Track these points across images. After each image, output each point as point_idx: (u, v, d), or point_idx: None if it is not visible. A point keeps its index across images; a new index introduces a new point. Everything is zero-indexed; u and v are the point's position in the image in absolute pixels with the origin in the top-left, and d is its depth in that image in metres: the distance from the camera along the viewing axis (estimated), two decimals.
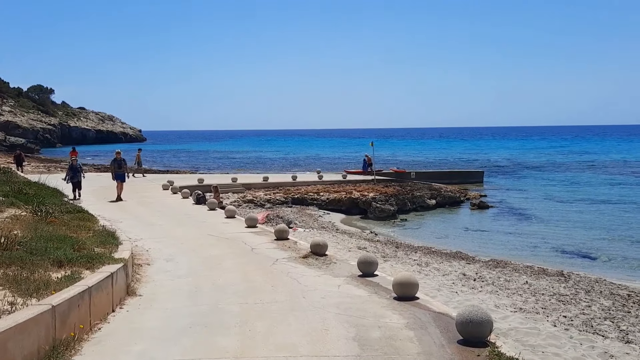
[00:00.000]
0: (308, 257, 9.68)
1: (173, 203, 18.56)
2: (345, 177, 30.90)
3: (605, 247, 17.28)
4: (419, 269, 12.11)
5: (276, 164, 60.67)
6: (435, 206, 26.62)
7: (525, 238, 18.73)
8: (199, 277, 8.27)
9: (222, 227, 13.28)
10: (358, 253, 13.73)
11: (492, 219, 23.16)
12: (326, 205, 24.81)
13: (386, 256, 13.60)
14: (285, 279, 8.06)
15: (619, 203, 27.43)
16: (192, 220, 14.56)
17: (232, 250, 10.36)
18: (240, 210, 22.05)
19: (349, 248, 14.49)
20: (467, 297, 9.45)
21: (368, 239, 16.75)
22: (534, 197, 30.20)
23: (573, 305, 9.51)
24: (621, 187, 34.43)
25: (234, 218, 14.93)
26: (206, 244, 11.08)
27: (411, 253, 14.49)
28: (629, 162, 56.96)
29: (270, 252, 10.25)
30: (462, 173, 39.25)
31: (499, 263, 13.65)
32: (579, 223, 21.86)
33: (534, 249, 16.96)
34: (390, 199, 24.81)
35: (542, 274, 12.33)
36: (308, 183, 28.48)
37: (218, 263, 9.24)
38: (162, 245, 10.85)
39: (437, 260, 13.60)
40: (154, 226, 13.43)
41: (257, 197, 24.73)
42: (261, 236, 12.05)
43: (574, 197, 30.15)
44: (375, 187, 27.71)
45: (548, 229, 20.44)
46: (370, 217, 23.74)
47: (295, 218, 20.34)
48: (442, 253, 14.95)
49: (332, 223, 21.03)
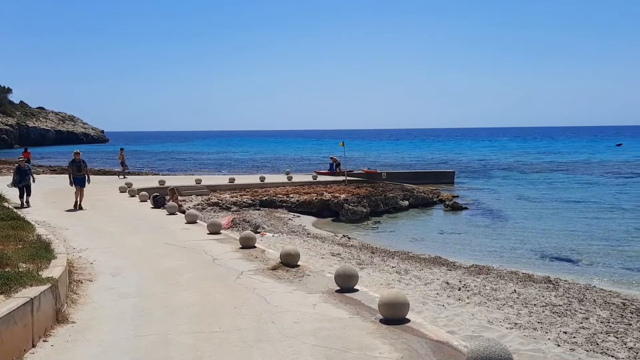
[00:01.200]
0: (278, 269, 8.52)
1: (129, 207, 17.07)
2: (315, 178, 29.80)
3: (584, 250, 16.69)
4: (398, 278, 11.08)
5: (244, 165, 59.12)
6: (408, 207, 25.83)
7: (503, 241, 18.01)
8: (149, 296, 7.01)
9: (181, 234, 11.97)
10: (332, 260, 12.66)
11: (467, 221, 22.44)
12: (296, 208, 23.65)
13: (362, 263, 12.54)
14: (251, 298, 6.88)
15: (591, 203, 27.20)
16: (148, 226, 13.18)
17: (190, 262, 9.10)
18: (204, 214, 20.70)
19: (322, 254, 13.38)
20: (456, 312, 8.45)
21: (342, 244, 15.68)
22: (507, 198, 29.77)
23: (569, 318, 8.63)
24: (591, 187, 34.42)
25: (196, 223, 13.62)
26: (161, 254, 9.78)
27: (388, 259, 13.48)
28: (594, 162, 57.78)
29: (235, 263, 9.04)
30: (433, 173, 38.70)
31: (482, 269, 12.77)
32: (554, 224, 21.34)
33: (513, 253, 16.21)
34: (362, 201, 23.84)
35: (529, 281, 11.50)
36: (277, 184, 27.25)
37: (173, 278, 7.98)
38: (109, 257, 9.50)
39: (417, 266, 12.62)
40: (104, 234, 12.01)
41: (223, 199, 23.37)
42: (225, 244, 10.81)
43: (545, 197, 29.85)
44: (346, 188, 26.71)
45: (525, 231, 19.81)
46: (342, 220, 22.71)
47: (263, 222, 19.12)
48: (421, 258, 14.00)
49: (302, 226, 19.89)
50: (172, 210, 15.29)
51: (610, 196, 29.79)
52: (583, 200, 28.01)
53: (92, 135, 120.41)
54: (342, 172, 32.60)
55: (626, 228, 20.35)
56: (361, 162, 55.10)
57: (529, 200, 28.51)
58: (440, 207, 26.53)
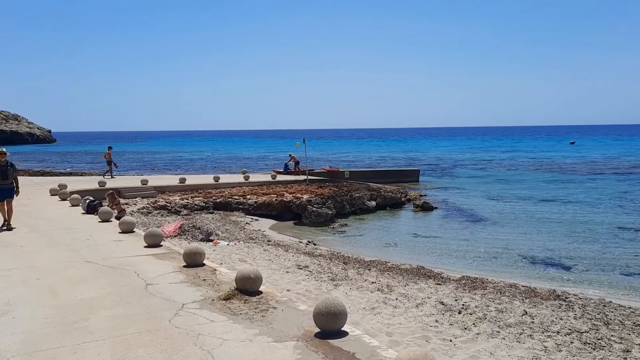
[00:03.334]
0: (232, 298, 6.30)
1: (56, 213, 14.35)
2: (274, 178, 27.53)
3: (572, 253, 15.23)
4: (382, 297, 9.04)
5: (196, 165, 56.05)
6: (375, 208, 23.95)
7: (485, 245, 16.31)
8: (36, 356, 4.65)
9: (110, 248, 9.52)
10: (299, 275, 10.50)
11: (440, 223, 20.73)
12: (254, 210, 21.34)
13: (336, 278, 10.44)
14: (192, 354, 4.64)
15: (563, 201, 26.13)
16: (71, 237, 10.63)
17: (114, 290, 6.75)
18: (149, 219, 18.15)
19: (286, 268, 11.20)
20: (470, 351, 6.46)
21: (308, 253, 13.52)
22: (475, 196, 28.39)
23: (607, 351, 6.82)
24: (557, 185, 33.61)
25: (132, 233, 11.16)
26: (77, 278, 7.36)
27: (365, 271, 11.43)
28: (554, 160, 57.91)
29: (174, 290, 6.74)
30: (397, 172, 37.13)
31: (475, 282, 10.92)
32: (533, 225, 19.93)
33: (501, 260, 14.49)
34: (327, 202, 21.76)
35: (535, 297, 9.70)
36: (232, 185, 24.83)
37: (82, 319, 5.62)
38: (4, 284, 7.02)
39: (400, 281, 10.63)
40: (10, 249, 9.41)
41: (172, 202, 20.79)
42: (165, 261, 8.46)
43: (515, 196, 28.65)
44: (308, 188, 24.59)
45: (504, 234, 18.24)
46: (305, 223, 20.56)
47: (217, 227, 16.74)
48: (402, 270, 12.02)
49: (261, 232, 17.63)
50: (105, 217, 12.72)
51: (580, 194, 28.91)
52: (554, 199, 26.93)
53: (38, 135, 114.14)
54: (302, 171, 30.46)
55: (608, 227, 19.14)
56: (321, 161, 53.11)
57: (499, 200, 27.19)
58: (409, 208, 24.81)
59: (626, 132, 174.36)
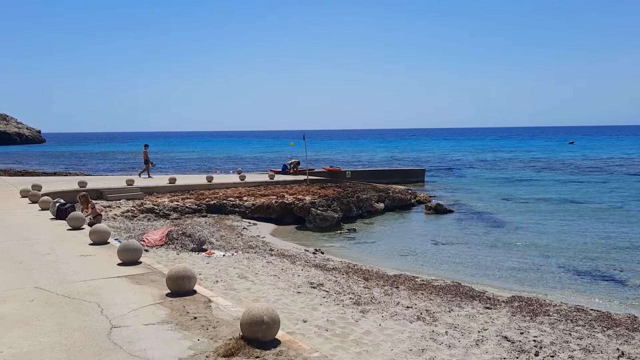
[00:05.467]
0: (237, 354, 4.17)
1: (20, 218, 12.11)
2: (272, 178, 25.39)
3: (617, 261, 13.30)
4: (429, 332, 6.94)
5: (189, 164, 53.75)
6: (383, 210, 21.89)
7: (516, 254, 14.28)
8: None
9: (73, 267, 7.34)
10: (314, 297, 8.39)
11: (458, 227, 18.69)
12: (252, 214, 19.19)
13: (360, 301, 8.32)
14: None
15: (583, 202, 24.19)
16: (28, 251, 8.43)
17: (61, 338, 4.59)
18: (134, 224, 15.98)
19: (297, 286, 9.08)
20: None
21: (319, 266, 11.37)
22: (489, 198, 26.39)
23: None
24: (569, 185, 31.72)
25: (106, 245, 8.98)
26: (13, 316, 5.19)
27: (392, 290, 9.34)
28: (556, 159, 56.15)
29: (151, 338, 4.60)
30: (402, 172, 35.05)
31: (531, 304, 8.86)
32: (560, 228, 18.03)
33: (540, 271, 12.45)
34: (332, 204, 19.64)
35: (615, 326, 7.66)
36: (227, 185, 22.65)
37: None
38: None
39: (440, 304, 8.54)
40: None
41: (160, 204, 18.60)
42: (142, 286, 6.31)
43: (529, 196, 26.70)
44: (309, 188, 22.48)
45: (533, 239, 16.24)
46: (309, 227, 18.48)
47: (210, 233, 14.58)
48: (436, 288, 9.92)
49: (261, 239, 15.49)
50: (76, 224, 10.51)
51: (601, 194, 26.98)
52: (574, 200, 24.99)
53: (26, 135, 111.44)
54: (302, 171, 28.30)
55: None
56: (318, 161, 50.95)
57: (515, 201, 25.22)
58: (419, 210, 22.79)
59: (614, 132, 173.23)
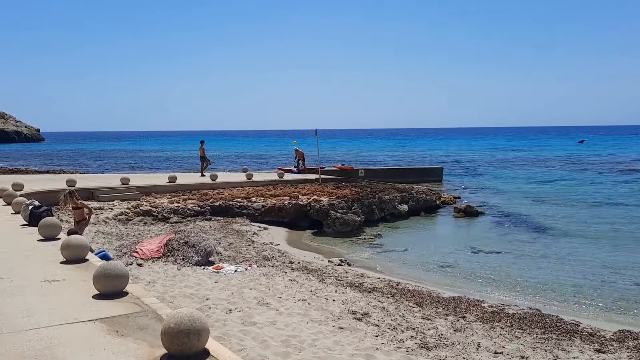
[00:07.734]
0: None
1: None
2: (282, 177, 23.17)
3: None
4: None
5: (190, 162, 51.52)
6: (407, 213, 19.66)
7: (579, 268, 12.04)
8: None
9: (29, 302, 5.13)
10: (363, 336, 6.16)
11: (495, 233, 16.50)
12: (262, 217, 16.99)
13: (427, 343, 6.13)
14: None
15: (628, 204, 21.96)
16: None
17: None
18: (128, 229, 13.84)
19: (336, 317, 6.87)
20: None
21: (356, 286, 9.14)
22: (517, 198, 24.22)
23: None
24: (597, 185, 29.48)
25: (83, 263, 6.77)
26: None
27: (459, 321, 7.14)
28: (573, 158, 53.84)
29: None
30: (418, 170, 32.81)
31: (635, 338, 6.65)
32: (617, 234, 15.82)
33: (621, 290, 10.24)
34: (353, 206, 17.43)
35: None
36: (233, 185, 20.44)
37: None
38: None
39: (536, 347, 6.36)
40: None
41: (158, 206, 16.41)
42: (124, 340, 4.10)
43: (563, 197, 24.54)
44: (323, 188, 20.26)
45: (590, 248, 14.09)
46: (327, 232, 16.28)
47: (217, 240, 12.39)
48: (512, 316, 7.71)
49: (276, 247, 13.30)
50: (49, 233, 8.29)
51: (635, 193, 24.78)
52: (616, 203, 22.75)
53: (25, 133, 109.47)
54: (312, 169, 26.08)
55: None
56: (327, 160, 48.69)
57: (548, 202, 23.01)
58: (446, 212, 20.58)
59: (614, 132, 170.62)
